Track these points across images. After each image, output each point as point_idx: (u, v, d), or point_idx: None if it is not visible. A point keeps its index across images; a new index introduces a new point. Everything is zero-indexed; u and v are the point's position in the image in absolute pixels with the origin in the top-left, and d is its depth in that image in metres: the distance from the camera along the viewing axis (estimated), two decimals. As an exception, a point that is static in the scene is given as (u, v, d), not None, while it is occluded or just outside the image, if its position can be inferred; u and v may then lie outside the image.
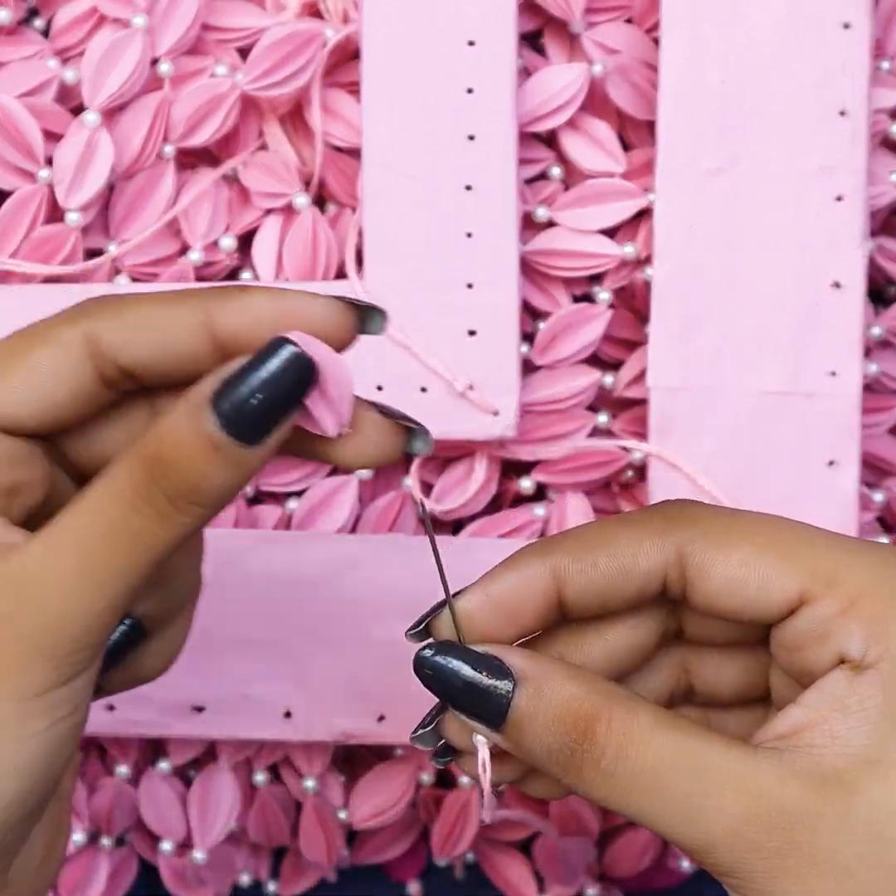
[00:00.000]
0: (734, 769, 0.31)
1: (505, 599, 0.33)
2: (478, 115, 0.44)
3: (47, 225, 0.46)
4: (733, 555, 0.32)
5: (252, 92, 0.46)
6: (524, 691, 0.32)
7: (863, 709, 0.31)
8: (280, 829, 0.49)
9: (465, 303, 0.45)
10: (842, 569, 0.31)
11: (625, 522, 0.33)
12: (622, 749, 0.31)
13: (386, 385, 0.45)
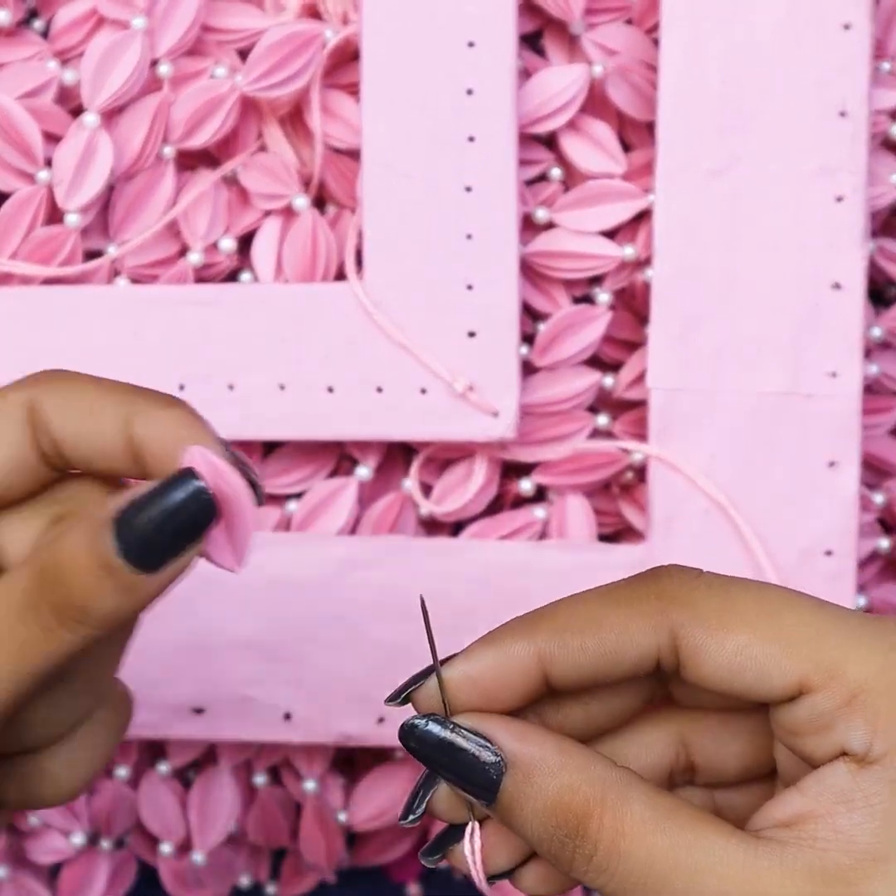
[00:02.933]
0: (731, 871, 0.29)
1: (486, 680, 0.32)
2: (478, 116, 0.44)
3: (47, 226, 0.46)
4: (729, 641, 0.30)
5: (252, 93, 0.46)
6: (513, 777, 0.31)
7: (868, 805, 0.29)
8: (280, 830, 0.49)
9: (464, 304, 0.45)
10: (845, 659, 0.30)
11: (614, 601, 0.32)
12: (615, 846, 0.30)
13: (385, 386, 0.45)
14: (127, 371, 0.45)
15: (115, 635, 0.32)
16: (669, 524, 0.46)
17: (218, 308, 0.45)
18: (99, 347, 0.45)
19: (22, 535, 0.33)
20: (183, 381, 0.45)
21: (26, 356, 0.46)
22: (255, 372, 0.45)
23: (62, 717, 0.33)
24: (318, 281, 0.46)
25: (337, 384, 0.45)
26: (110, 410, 0.32)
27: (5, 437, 0.32)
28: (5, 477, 0.32)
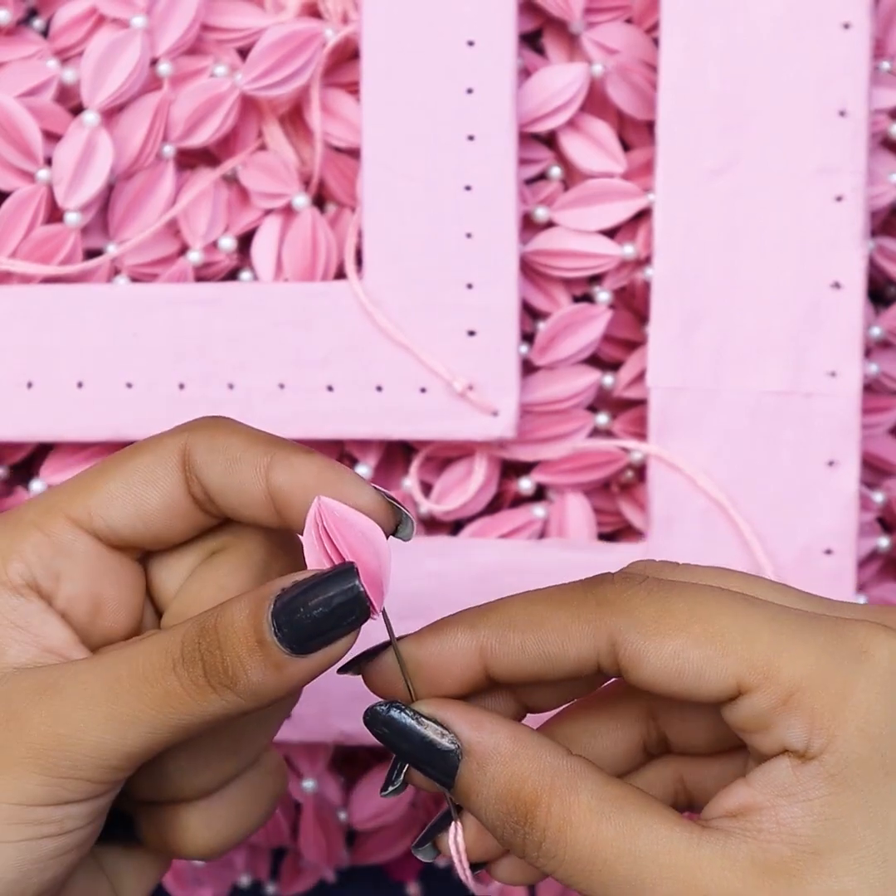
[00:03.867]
0: (673, 859, 0.30)
1: (430, 666, 0.33)
2: (477, 115, 0.44)
3: (47, 225, 0.46)
4: (666, 646, 0.31)
5: (252, 92, 0.46)
6: (468, 765, 0.32)
7: (808, 799, 0.30)
8: (280, 829, 0.49)
9: (464, 303, 0.45)
10: (779, 659, 0.30)
11: (555, 604, 0.32)
12: (562, 834, 0.31)
13: (385, 385, 0.45)
14: (126, 371, 0.45)
15: (268, 710, 0.32)
16: (669, 523, 0.46)
17: (218, 307, 0.45)
18: (98, 347, 0.45)
19: (177, 573, 0.35)
20: (183, 381, 0.45)
21: (25, 355, 0.46)
22: (255, 371, 0.45)
23: (207, 774, 0.34)
24: (318, 280, 0.46)
25: (336, 383, 0.45)
26: (251, 460, 0.33)
27: (161, 482, 0.33)
28: (161, 522, 0.34)
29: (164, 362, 0.45)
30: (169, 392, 0.45)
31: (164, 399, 0.45)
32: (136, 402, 0.45)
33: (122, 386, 0.45)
